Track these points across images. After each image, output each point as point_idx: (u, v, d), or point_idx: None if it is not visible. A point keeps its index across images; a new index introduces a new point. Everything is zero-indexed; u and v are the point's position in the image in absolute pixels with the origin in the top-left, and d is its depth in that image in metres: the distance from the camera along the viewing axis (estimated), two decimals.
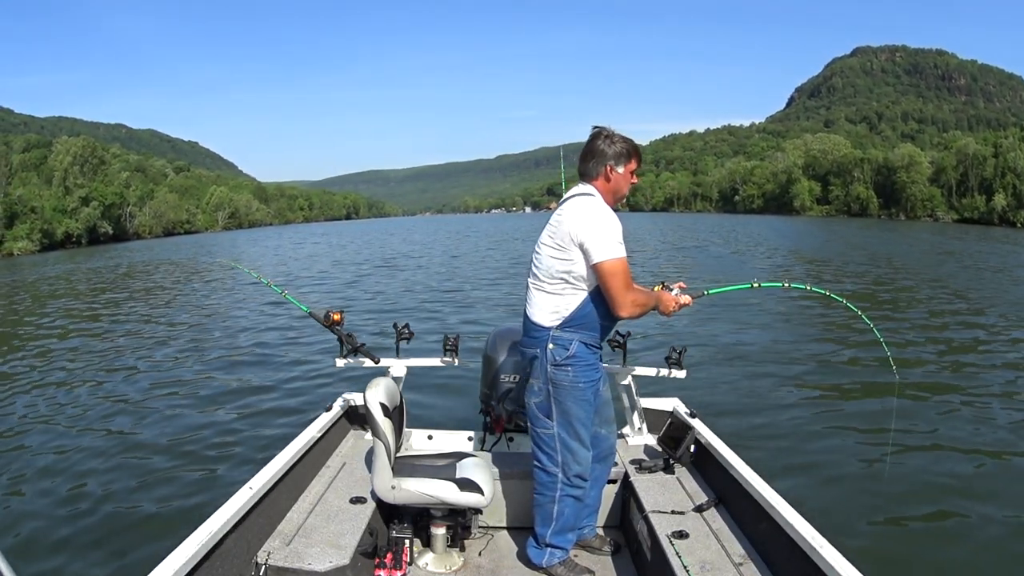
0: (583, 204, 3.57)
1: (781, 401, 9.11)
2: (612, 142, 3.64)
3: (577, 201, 3.60)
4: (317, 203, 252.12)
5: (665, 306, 3.75)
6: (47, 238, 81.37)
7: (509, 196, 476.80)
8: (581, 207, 3.55)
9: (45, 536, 5.68)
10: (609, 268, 3.44)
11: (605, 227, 3.46)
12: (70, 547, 5.50)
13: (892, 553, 5.30)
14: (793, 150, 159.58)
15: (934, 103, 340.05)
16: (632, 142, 3.70)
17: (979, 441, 7.59)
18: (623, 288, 3.48)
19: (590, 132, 3.73)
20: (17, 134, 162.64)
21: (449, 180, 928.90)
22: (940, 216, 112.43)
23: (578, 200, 3.61)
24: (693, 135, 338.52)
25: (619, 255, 3.46)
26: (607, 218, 3.50)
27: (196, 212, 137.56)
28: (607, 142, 3.64)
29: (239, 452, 7.55)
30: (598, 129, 3.70)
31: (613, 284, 3.46)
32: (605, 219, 3.49)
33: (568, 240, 3.49)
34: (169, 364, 12.11)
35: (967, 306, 17.30)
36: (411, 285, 23.89)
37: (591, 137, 3.70)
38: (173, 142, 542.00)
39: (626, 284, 3.49)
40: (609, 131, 3.68)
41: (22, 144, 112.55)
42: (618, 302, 3.50)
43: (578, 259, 3.50)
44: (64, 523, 5.91)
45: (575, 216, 3.52)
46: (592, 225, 3.46)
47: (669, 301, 3.77)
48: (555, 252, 3.55)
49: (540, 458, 3.75)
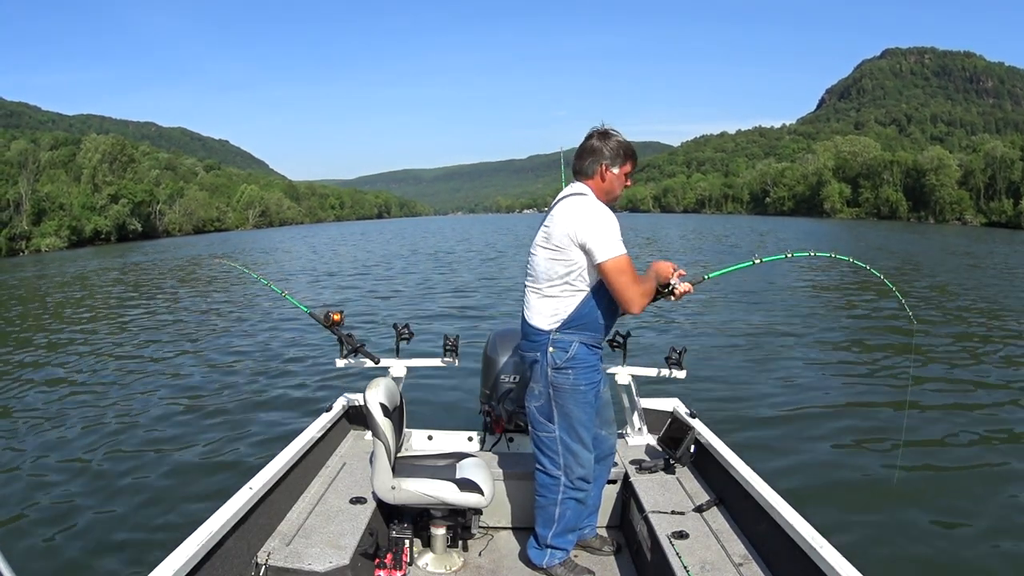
0: (578, 204, 3.54)
1: (782, 400, 9.09)
2: (608, 142, 3.63)
3: (571, 201, 3.57)
4: (348, 202, 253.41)
5: (663, 272, 3.74)
6: (75, 235, 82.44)
7: (541, 196, 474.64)
8: (577, 207, 3.52)
9: (45, 536, 5.71)
10: (615, 266, 3.42)
11: (605, 225, 3.43)
12: (70, 547, 5.53)
13: (892, 553, 5.27)
14: (823, 152, 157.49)
15: (962, 105, 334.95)
16: (629, 144, 3.68)
17: (992, 445, 7.53)
18: (631, 284, 3.45)
19: (588, 132, 3.71)
20: (45, 131, 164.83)
21: (481, 180, 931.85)
22: (968, 219, 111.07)
23: (572, 200, 3.58)
24: (724, 136, 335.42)
25: (622, 252, 3.44)
26: (605, 216, 3.47)
27: (227, 210, 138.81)
28: (603, 141, 3.63)
29: (239, 452, 7.58)
30: (595, 128, 3.68)
31: (621, 281, 3.44)
32: (603, 217, 3.46)
33: (567, 241, 3.46)
34: (169, 364, 12.18)
35: (993, 308, 17.11)
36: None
37: (588, 136, 3.68)
38: (203, 140, 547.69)
39: (633, 279, 3.47)
40: (606, 131, 3.66)
41: (50, 141, 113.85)
42: (628, 299, 3.47)
43: (579, 259, 3.47)
44: (63, 523, 5.94)
45: (573, 216, 3.48)
46: (592, 224, 3.43)
47: (665, 268, 3.74)
48: (553, 254, 3.52)
49: (542, 461, 3.74)
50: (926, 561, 5.24)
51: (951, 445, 7.45)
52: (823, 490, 6.35)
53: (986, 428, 8.02)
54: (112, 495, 6.52)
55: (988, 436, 7.81)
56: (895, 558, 5.22)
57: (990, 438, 7.76)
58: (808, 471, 6.81)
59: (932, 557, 5.29)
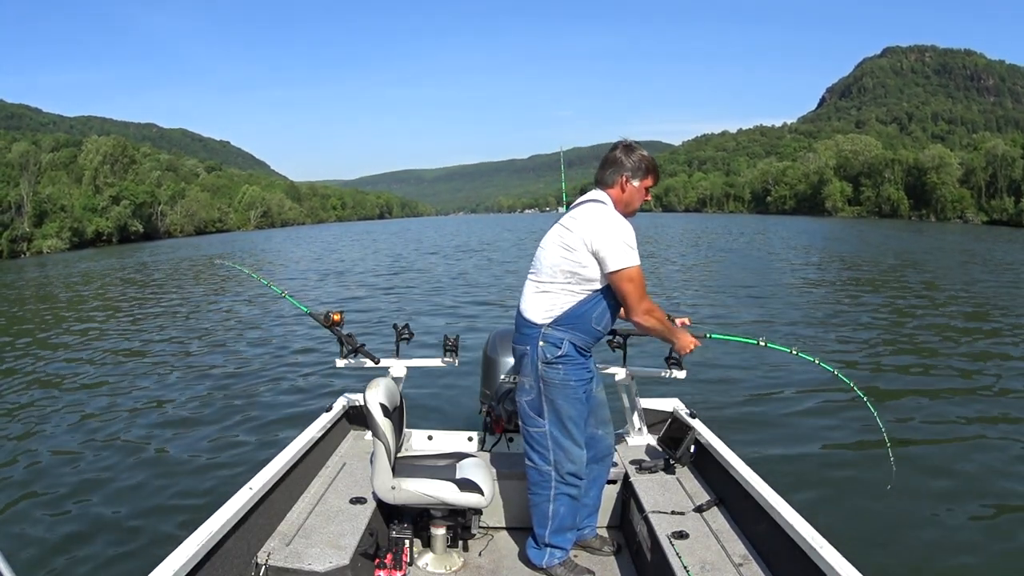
0: (597, 211, 3.60)
1: (782, 401, 9.09)
2: (632, 155, 3.72)
3: (590, 208, 3.64)
4: (350, 202, 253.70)
5: (683, 346, 3.88)
6: (77, 236, 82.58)
7: (542, 196, 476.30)
8: (595, 214, 3.59)
9: (44, 536, 5.71)
10: (626, 275, 3.51)
11: (620, 235, 3.50)
12: (69, 547, 5.52)
13: (893, 553, 5.27)
14: (825, 151, 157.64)
15: (963, 103, 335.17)
16: (652, 160, 3.78)
17: (986, 445, 7.55)
18: (638, 294, 3.55)
19: (613, 143, 3.81)
20: (46, 133, 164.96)
21: (482, 180, 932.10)
22: (970, 218, 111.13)
23: (591, 207, 3.65)
24: (726, 135, 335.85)
25: (634, 263, 3.52)
26: (621, 226, 3.55)
27: (228, 211, 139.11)
28: (627, 154, 3.72)
29: (239, 452, 7.57)
30: (620, 140, 3.78)
31: (629, 290, 3.53)
32: (619, 227, 3.54)
33: (581, 244, 3.52)
34: (169, 364, 12.17)
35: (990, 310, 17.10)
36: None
37: (612, 147, 3.80)
38: (204, 141, 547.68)
39: (641, 291, 3.56)
40: (631, 144, 3.77)
41: (51, 143, 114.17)
42: (633, 307, 3.58)
43: (590, 264, 3.53)
44: (63, 523, 5.94)
45: (590, 223, 3.55)
46: (608, 233, 3.50)
47: (688, 342, 3.87)
48: (565, 253, 3.58)
49: (532, 457, 3.76)
50: (926, 561, 5.23)
51: (949, 451, 7.43)
52: (823, 490, 6.33)
53: (981, 425, 8.10)
54: (112, 495, 6.51)
55: (983, 433, 7.90)
56: (896, 559, 5.21)
57: (990, 435, 7.83)
58: (808, 471, 6.79)
59: (932, 557, 5.29)
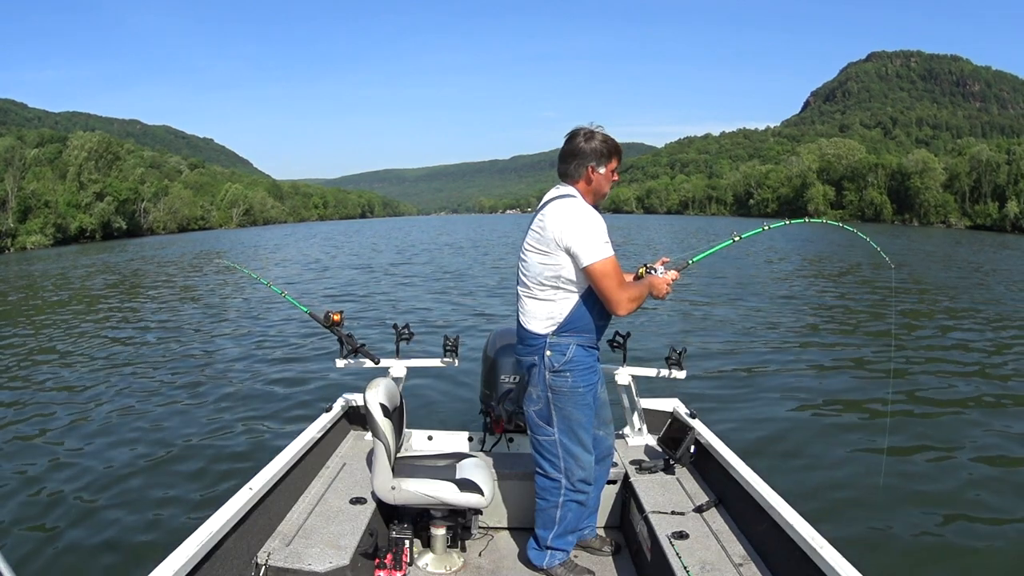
0: (564, 207, 3.50)
1: (782, 401, 9.10)
2: (592, 141, 3.57)
3: (559, 204, 3.53)
4: (332, 201, 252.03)
5: (658, 290, 3.70)
6: (61, 232, 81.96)
7: (524, 197, 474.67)
8: (563, 210, 3.48)
9: (44, 537, 5.66)
10: (600, 269, 3.40)
11: (590, 229, 3.41)
12: (69, 547, 5.48)
13: (893, 553, 5.29)
14: (808, 154, 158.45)
15: (948, 109, 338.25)
16: (613, 140, 3.61)
17: (983, 444, 7.58)
18: (617, 287, 3.44)
19: (570, 132, 3.64)
20: (31, 128, 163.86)
21: (464, 180, 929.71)
22: (953, 222, 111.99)
23: (560, 203, 3.54)
24: (708, 138, 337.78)
25: (607, 255, 3.42)
26: (591, 219, 3.44)
27: (211, 209, 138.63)
28: (588, 141, 3.56)
29: (239, 452, 7.53)
30: (577, 128, 3.62)
31: (606, 285, 3.43)
32: (589, 220, 3.43)
33: (554, 245, 3.44)
34: (167, 364, 12.05)
35: (978, 311, 17.22)
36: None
37: (570, 136, 3.62)
38: (188, 138, 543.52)
39: (619, 283, 3.46)
40: (589, 130, 3.59)
41: (36, 139, 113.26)
42: (614, 301, 3.46)
43: (566, 263, 3.45)
44: (63, 523, 5.89)
45: (559, 220, 3.45)
46: (577, 228, 3.41)
47: (661, 284, 3.71)
48: (542, 257, 3.50)
49: (542, 464, 3.72)
50: (926, 561, 5.25)
51: (945, 452, 7.45)
52: (822, 489, 6.36)
53: (980, 428, 8.11)
54: (112, 495, 6.46)
55: (983, 432, 7.94)
56: (896, 558, 5.23)
57: (986, 434, 7.88)
58: (809, 471, 6.82)
59: (933, 557, 5.31)
